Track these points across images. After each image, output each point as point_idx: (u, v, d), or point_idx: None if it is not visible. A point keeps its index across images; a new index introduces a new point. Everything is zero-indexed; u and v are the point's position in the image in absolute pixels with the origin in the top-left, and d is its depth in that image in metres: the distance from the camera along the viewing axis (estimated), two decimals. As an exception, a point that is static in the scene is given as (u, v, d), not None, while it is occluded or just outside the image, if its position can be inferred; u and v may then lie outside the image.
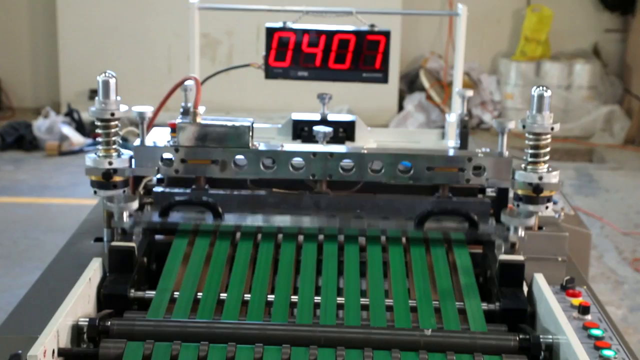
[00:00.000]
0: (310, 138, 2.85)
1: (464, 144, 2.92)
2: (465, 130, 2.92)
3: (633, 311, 4.85)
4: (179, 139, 2.48)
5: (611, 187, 7.34)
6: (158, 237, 2.51)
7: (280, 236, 2.48)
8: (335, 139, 2.84)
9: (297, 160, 2.49)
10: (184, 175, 2.51)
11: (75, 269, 2.22)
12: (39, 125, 8.18)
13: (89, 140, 8.15)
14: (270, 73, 3.16)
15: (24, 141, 8.12)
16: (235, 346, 1.97)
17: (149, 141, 2.54)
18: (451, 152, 2.57)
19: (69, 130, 8.25)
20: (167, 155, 2.48)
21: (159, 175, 2.65)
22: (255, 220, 2.48)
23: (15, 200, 6.58)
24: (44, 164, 7.66)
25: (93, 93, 8.96)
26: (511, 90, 9.61)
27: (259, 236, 2.47)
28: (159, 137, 2.80)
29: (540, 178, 2.33)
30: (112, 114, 2.36)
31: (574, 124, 9.23)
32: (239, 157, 2.49)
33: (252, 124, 2.52)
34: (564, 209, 2.71)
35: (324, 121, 3.00)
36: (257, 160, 2.49)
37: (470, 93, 2.99)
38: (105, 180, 2.37)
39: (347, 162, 2.49)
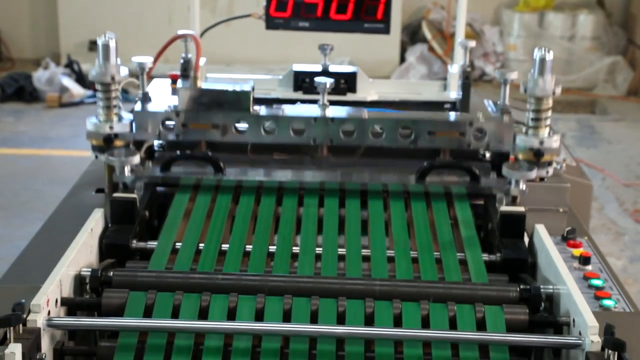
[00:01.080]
0: (311, 89, 2.83)
1: (466, 96, 2.90)
2: (468, 81, 2.90)
3: (633, 262, 4.87)
4: (179, 103, 2.47)
5: (613, 139, 7.32)
6: (160, 189, 2.51)
7: (281, 191, 2.48)
8: (336, 91, 2.82)
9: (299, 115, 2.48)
10: (185, 139, 2.50)
11: (77, 219, 2.22)
12: (39, 77, 8.14)
13: (89, 92, 8.12)
14: (271, 23, 3.13)
15: (24, 92, 8.09)
16: (237, 297, 1.98)
17: (149, 94, 2.52)
18: (452, 117, 2.56)
19: (69, 82, 8.21)
20: (167, 119, 2.47)
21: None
22: (256, 174, 2.48)
23: (16, 151, 6.57)
24: (44, 116, 7.64)
25: (93, 44, 8.90)
26: (514, 41, 9.54)
27: (261, 191, 2.47)
28: (159, 88, 2.78)
29: (542, 142, 2.32)
30: (113, 78, 2.34)
31: (576, 75, 9.18)
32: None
33: (253, 88, 2.50)
34: (566, 160, 2.71)
35: (325, 72, 2.97)
36: (258, 125, 2.48)
37: (472, 44, 2.96)
38: (106, 145, 2.36)
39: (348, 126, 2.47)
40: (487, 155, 2.61)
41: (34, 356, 1.75)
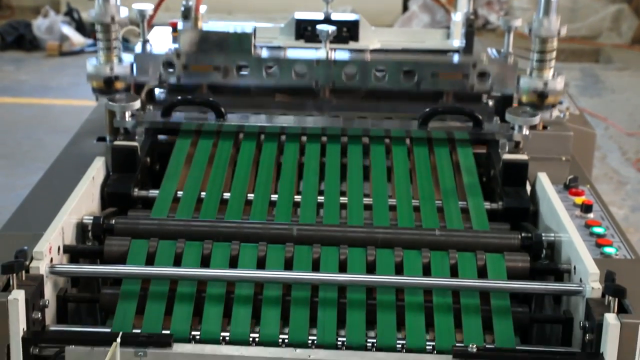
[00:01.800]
0: (313, 38, 2.80)
1: (469, 44, 2.88)
2: (471, 29, 2.87)
3: (635, 211, 4.88)
4: (180, 44, 2.45)
5: (617, 88, 7.27)
6: (161, 137, 2.51)
7: (283, 137, 2.47)
8: (338, 39, 2.80)
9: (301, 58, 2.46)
10: (186, 81, 2.48)
11: (79, 168, 2.22)
12: (39, 25, 8.07)
13: (90, 41, 8.05)
14: (273, -30, 3.09)
15: (24, 41, 8.02)
16: (238, 244, 1.99)
17: (150, 41, 2.50)
18: (455, 59, 2.53)
19: (69, 30, 8.15)
20: (168, 61, 2.45)
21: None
22: (258, 120, 2.47)
23: (18, 100, 6.54)
24: (44, 65, 7.59)
25: (93, -8, 8.80)
26: (518, -11, 9.44)
27: (262, 137, 2.47)
28: (160, 36, 2.75)
29: (546, 84, 2.30)
30: (112, 18, 2.32)
31: (581, 24, 9.09)
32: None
33: (255, 30, 2.47)
34: (569, 109, 2.69)
35: (327, 20, 2.94)
36: (260, 67, 2.46)
37: (476, -10, 2.93)
38: (106, 86, 2.35)
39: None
40: (490, 103, 2.60)
41: (37, 303, 1.76)
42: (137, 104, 2.33)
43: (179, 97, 2.48)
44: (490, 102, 2.59)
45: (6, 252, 1.80)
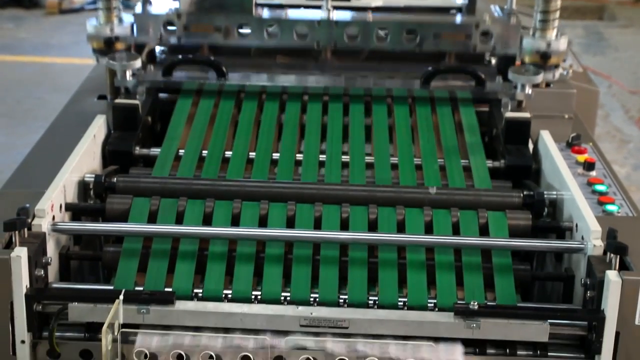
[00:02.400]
0: (314, -6, 2.77)
1: (472, 1, 2.85)
2: (474, -15, 2.84)
3: (637, 169, 4.87)
4: (181, 4, 2.43)
5: (620, 46, 7.23)
6: (162, 95, 2.50)
7: (284, 96, 2.46)
8: (340, -4, 2.77)
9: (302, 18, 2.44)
10: (187, 42, 2.46)
11: (79, 126, 2.22)
12: (38, -18, 8.01)
13: (90, -2, 8.00)
14: None
15: (23, -3, 7.97)
16: (240, 203, 1.98)
17: (150, 1, 2.48)
18: (458, 19, 2.51)
19: (68, -13, 8.09)
20: (169, 21, 2.43)
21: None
22: (259, 79, 2.45)
23: (18, 59, 6.50)
24: (44, 23, 7.54)
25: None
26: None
27: (264, 96, 2.45)
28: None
29: (549, 44, 2.28)
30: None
31: (584, -19, 9.01)
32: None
33: None
34: (572, 66, 2.67)
35: (329, -24, 2.91)
36: (261, 27, 2.44)
37: (479, -54, 2.89)
38: (107, 47, 2.33)
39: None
40: (493, 61, 2.58)
41: (39, 260, 1.77)
42: (137, 63, 2.31)
43: (180, 56, 2.46)
44: (493, 61, 2.57)
45: (8, 210, 1.79)
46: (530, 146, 2.29)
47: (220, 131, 2.30)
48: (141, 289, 1.80)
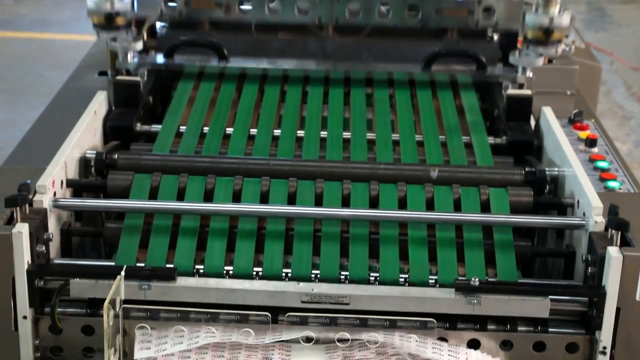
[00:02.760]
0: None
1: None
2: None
3: (639, 146, 4.86)
4: None
5: (623, 22, 7.19)
6: (163, 75, 2.49)
7: (286, 79, 2.45)
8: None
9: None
10: (188, 17, 2.45)
11: (80, 102, 2.21)
12: (38, -42, 7.97)
13: (90, -26, 7.95)
14: None
15: (23, -26, 7.93)
16: (241, 179, 1.98)
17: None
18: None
19: (69, -36, 8.04)
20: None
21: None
22: (260, 63, 2.45)
23: (18, 35, 6.48)
24: (44, -2, 7.52)
25: None
26: None
27: (265, 79, 2.45)
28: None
29: (551, 20, 2.27)
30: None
31: (587, -44, 8.95)
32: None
33: None
34: (575, 42, 2.66)
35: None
36: (262, 3, 2.43)
37: None
38: (107, 22, 2.32)
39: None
40: (495, 37, 2.57)
41: (41, 236, 1.77)
42: (139, 45, 2.31)
43: (182, 39, 2.46)
44: (496, 36, 2.56)
45: (9, 186, 1.79)
46: (532, 123, 2.29)
47: (221, 110, 2.30)
48: (142, 265, 1.80)
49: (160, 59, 2.42)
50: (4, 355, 1.75)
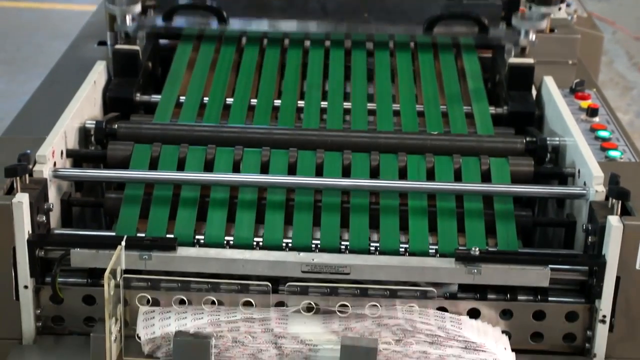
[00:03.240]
0: None
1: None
2: None
3: (640, 116, 4.85)
4: None
5: (625, -9, 7.15)
6: (162, 41, 2.48)
7: (286, 42, 2.43)
8: None
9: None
10: None
11: (79, 72, 2.20)
12: None
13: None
14: None
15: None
16: (242, 149, 1.98)
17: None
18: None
19: None
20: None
21: None
22: (260, 25, 2.43)
23: (16, 4, 6.45)
24: (43, -32, 7.47)
25: None
26: None
27: (265, 42, 2.43)
28: None
29: None
30: None
31: None
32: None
33: None
34: (577, 11, 2.65)
35: None
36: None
37: None
38: None
39: None
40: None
41: (41, 206, 1.77)
42: (137, 7, 2.29)
43: (181, 1, 2.43)
44: None
45: (9, 156, 1.79)
46: (534, 92, 2.28)
47: (221, 77, 2.29)
48: (143, 235, 1.80)
49: (159, 21, 2.39)
50: (5, 325, 1.75)
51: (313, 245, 1.80)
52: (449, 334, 1.69)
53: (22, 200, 1.68)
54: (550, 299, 1.77)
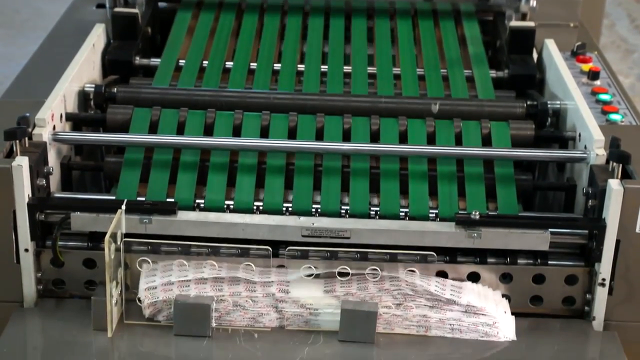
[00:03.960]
0: None
1: None
2: None
3: (641, 80, 4.84)
4: None
5: (628, -47, 7.09)
6: (162, 4, 2.46)
7: (286, 8, 2.42)
8: None
9: None
10: None
11: (78, 35, 2.19)
12: None
13: None
14: None
15: None
16: (242, 113, 1.97)
17: None
18: None
19: None
20: None
21: None
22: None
23: (15, -32, 6.41)
24: None
25: None
26: None
27: (265, 8, 2.42)
28: None
29: None
30: None
31: None
32: None
33: None
34: (579, -26, 2.63)
35: None
36: None
37: None
38: None
39: None
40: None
41: (41, 170, 1.76)
42: (136, -32, 2.28)
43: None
44: None
45: (8, 119, 1.78)
46: (535, 56, 2.27)
47: (220, 43, 2.28)
48: (143, 199, 1.80)
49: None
50: (6, 288, 1.76)
51: (313, 210, 1.80)
52: (449, 299, 1.69)
53: (21, 163, 1.68)
54: (550, 262, 1.77)
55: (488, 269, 1.76)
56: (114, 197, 1.82)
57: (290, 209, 1.80)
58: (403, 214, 1.80)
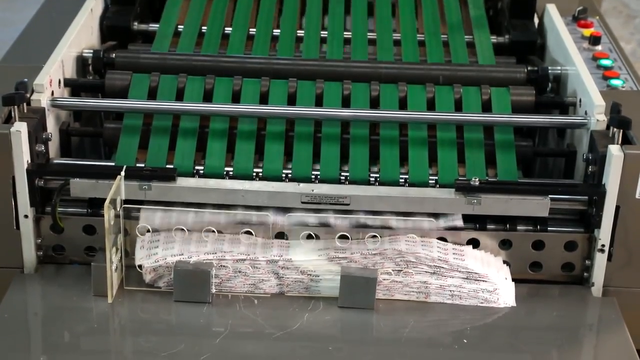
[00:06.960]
0: None
1: None
2: None
3: (643, 46, 4.81)
4: None
5: None
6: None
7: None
8: None
9: None
10: None
11: (76, 0, 2.17)
12: None
13: None
14: None
15: None
16: (241, 79, 1.96)
17: None
18: None
19: None
20: None
21: None
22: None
23: None
24: None
25: None
26: None
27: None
28: None
29: None
30: None
31: None
32: None
33: None
34: (581, -62, 2.60)
35: None
36: None
37: None
38: None
39: None
40: None
41: (39, 135, 1.76)
42: None
43: None
44: None
45: (6, 84, 1.77)
46: (536, 20, 2.26)
47: (219, 7, 2.26)
48: (142, 165, 1.80)
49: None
50: (6, 254, 1.76)
51: (313, 177, 1.80)
52: (451, 265, 1.70)
53: (20, 129, 1.67)
54: (549, 228, 1.77)
55: (488, 235, 1.77)
56: (113, 164, 1.81)
57: (289, 175, 1.80)
58: (403, 180, 1.80)
